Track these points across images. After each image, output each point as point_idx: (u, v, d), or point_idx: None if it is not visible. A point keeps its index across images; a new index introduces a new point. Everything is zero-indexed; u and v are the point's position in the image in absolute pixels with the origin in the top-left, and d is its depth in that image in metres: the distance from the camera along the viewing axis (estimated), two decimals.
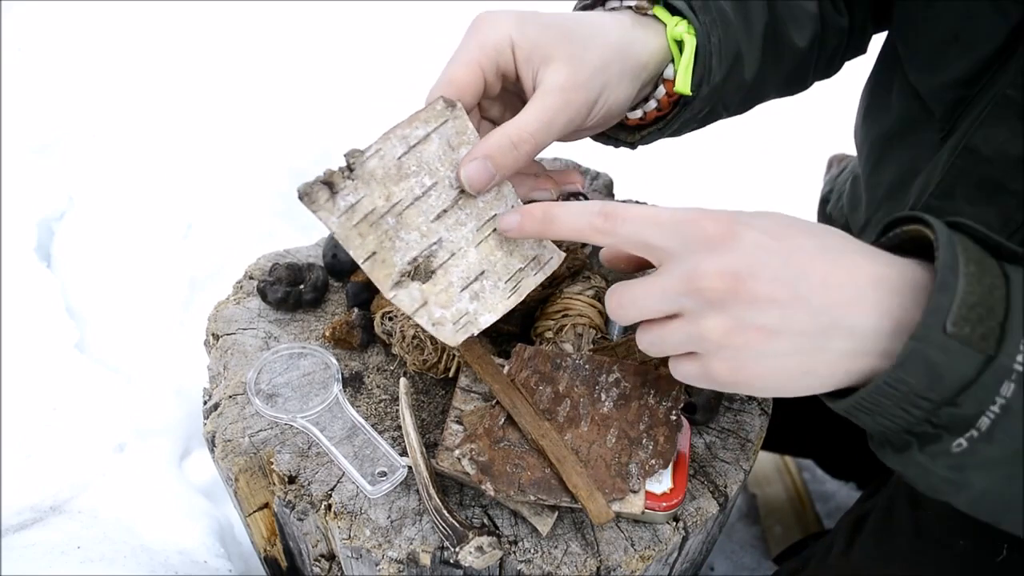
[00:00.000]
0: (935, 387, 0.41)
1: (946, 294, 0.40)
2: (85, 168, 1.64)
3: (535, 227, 0.53)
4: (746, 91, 0.73)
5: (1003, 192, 0.65)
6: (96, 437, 1.16)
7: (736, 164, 2.16)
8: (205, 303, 1.41)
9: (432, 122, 0.52)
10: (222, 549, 1.08)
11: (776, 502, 1.37)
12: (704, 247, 0.45)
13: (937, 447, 0.43)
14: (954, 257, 0.41)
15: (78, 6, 2.10)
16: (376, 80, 2.26)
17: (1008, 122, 0.63)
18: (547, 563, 0.63)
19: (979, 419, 0.41)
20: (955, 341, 0.40)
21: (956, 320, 0.40)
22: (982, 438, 0.41)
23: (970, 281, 0.41)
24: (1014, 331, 0.40)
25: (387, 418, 0.74)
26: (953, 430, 0.42)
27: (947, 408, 0.42)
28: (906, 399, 0.42)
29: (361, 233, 0.49)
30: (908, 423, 0.44)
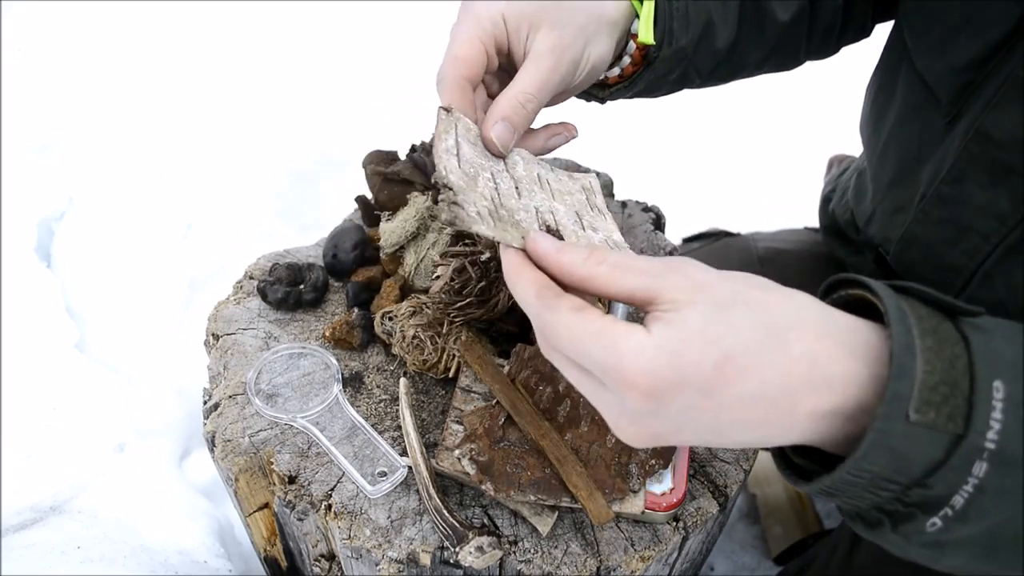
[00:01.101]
0: (902, 471, 0.39)
1: (904, 380, 0.38)
2: (85, 168, 1.64)
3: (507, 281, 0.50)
4: (722, 60, 0.74)
5: (1014, 175, 0.64)
6: (96, 437, 1.16)
7: (737, 165, 2.16)
8: (205, 303, 1.41)
9: (451, 129, 0.57)
10: (222, 549, 1.08)
11: (776, 502, 1.37)
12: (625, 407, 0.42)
13: (910, 526, 0.41)
14: (908, 333, 0.39)
15: (78, 6, 2.10)
16: (376, 80, 2.26)
17: (1019, 105, 0.62)
18: (547, 563, 0.63)
19: (952, 498, 0.39)
20: (919, 428, 0.38)
21: (918, 406, 0.38)
22: (956, 517, 0.39)
23: (929, 359, 0.38)
24: (982, 405, 0.38)
25: (387, 418, 0.74)
26: (926, 509, 0.40)
27: (917, 489, 0.40)
28: (872, 484, 0.40)
29: (504, 229, 0.51)
30: (878, 503, 0.42)
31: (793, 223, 1.27)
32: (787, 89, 2.25)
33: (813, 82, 2.22)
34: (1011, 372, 0.39)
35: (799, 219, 1.32)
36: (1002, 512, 0.39)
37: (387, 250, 0.84)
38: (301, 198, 1.83)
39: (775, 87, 1.64)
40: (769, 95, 2.07)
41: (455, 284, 0.74)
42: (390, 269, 0.86)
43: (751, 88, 2.18)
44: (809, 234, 1.17)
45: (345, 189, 1.19)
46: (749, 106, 2.27)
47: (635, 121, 2.13)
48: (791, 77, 0.85)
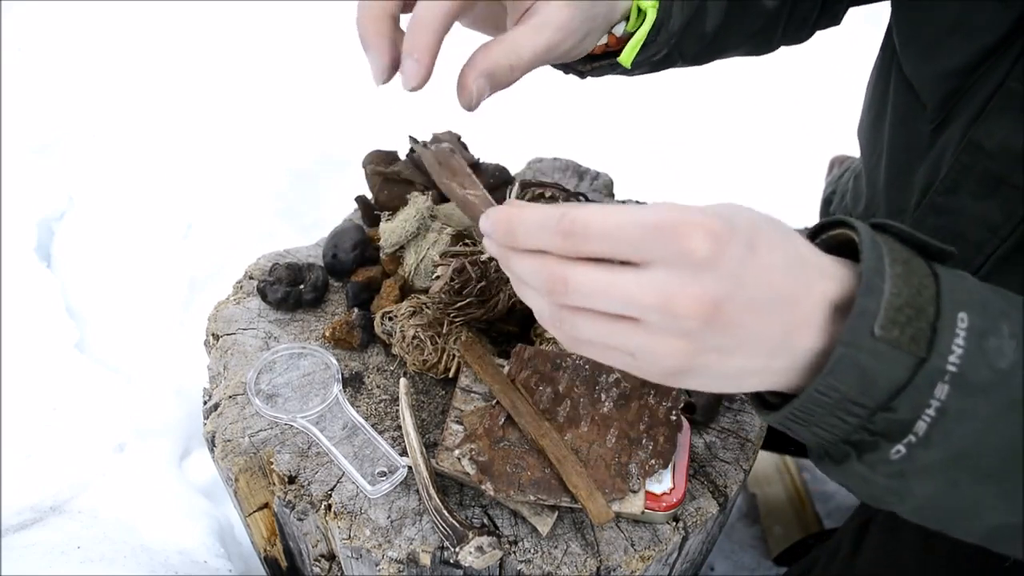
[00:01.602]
0: (868, 392, 0.40)
1: (872, 297, 0.39)
2: (85, 168, 1.64)
3: (502, 239, 0.46)
4: (707, 43, 0.73)
5: (1005, 186, 0.64)
6: (96, 437, 1.16)
7: (737, 166, 2.16)
8: (205, 303, 1.41)
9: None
10: (222, 549, 1.08)
11: (776, 502, 1.37)
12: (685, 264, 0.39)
13: (875, 455, 0.42)
14: (879, 259, 0.40)
15: (78, 6, 2.10)
16: None
17: (1011, 115, 0.62)
18: (547, 563, 0.63)
19: (915, 423, 0.40)
20: (884, 344, 0.39)
21: (884, 323, 0.39)
22: (920, 443, 0.40)
23: (896, 283, 0.40)
24: (945, 331, 0.39)
25: (387, 418, 0.74)
26: (890, 436, 0.41)
27: (882, 413, 0.41)
28: (839, 406, 0.41)
29: None
30: (844, 431, 0.43)
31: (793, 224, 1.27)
32: (788, 90, 2.25)
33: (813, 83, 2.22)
34: (976, 308, 0.40)
35: (799, 220, 1.32)
36: (963, 437, 0.40)
37: (387, 250, 0.84)
38: (301, 198, 1.83)
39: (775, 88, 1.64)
40: (770, 96, 2.07)
41: (455, 284, 0.74)
42: (390, 269, 0.87)
43: (751, 89, 2.18)
44: None
45: (345, 189, 1.19)
46: (750, 107, 2.27)
47: (635, 121, 2.13)
48: (791, 77, 0.85)
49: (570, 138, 1.93)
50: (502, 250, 0.45)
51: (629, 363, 0.43)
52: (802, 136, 2.14)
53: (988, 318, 0.40)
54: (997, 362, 0.40)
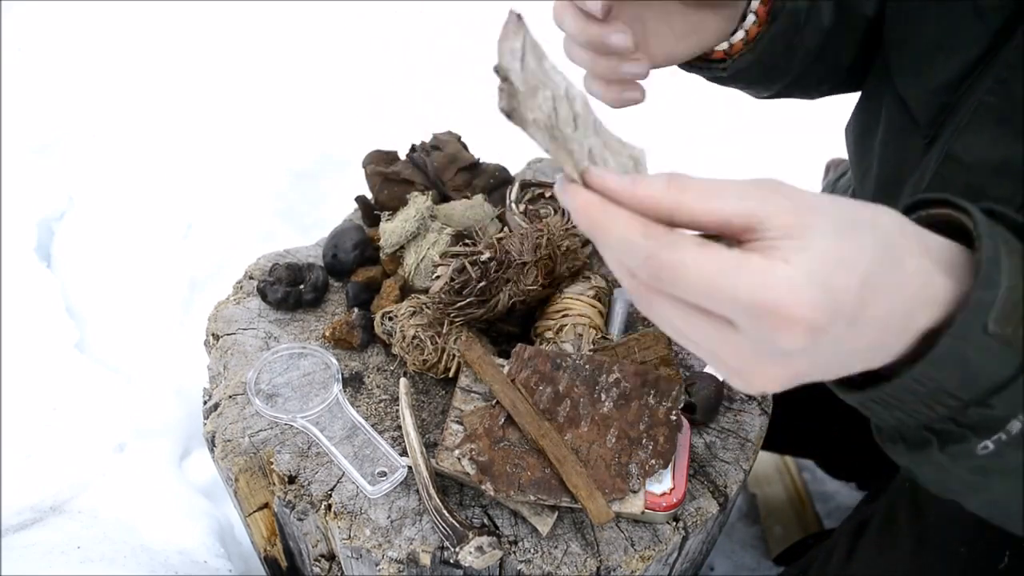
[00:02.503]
0: (967, 386, 0.39)
1: (989, 290, 0.37)
2: (85, 168, 1.65)
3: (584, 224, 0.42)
4: (823, 45, 0.73)
5: (984, 199, 0.64)
6: (96, 437, 1.16)
7: (736, 167, 2.16)
8: (205, 303, 1.41)
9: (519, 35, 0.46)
10: (222, 549, 1.08)
11: (776, 502, 1.37)
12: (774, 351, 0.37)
13: (960, 448, 0.40)
14: (996, 248, 0.38)
15: (78, 6, 2.10)
16: (376, 80, 2.26)
17: (987, 128, 0.63)
18: (547, 563, 0.63)
19: (1009, 422, 0.39)
20: (995, 340, 0.37)
21: (999, 318, 0.37)
22: (1011, 442, 0.39)
23: (1012, 276, 0.38)
24: None
25: (387, 418, 0.74)
26: (980, 432, 0.39)
27: (976, 408, 0.39)
28: (932, 396, 0.39)
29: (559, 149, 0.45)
30: (930, 419, 0.41)
31: None
32: None
33: None
34: None
35: None
36: None
37: (387, 250, 0.84)
38: (301, 198, 1.83)
39: None
40: None
41: (455, 284, 0.74)
42: (390, 269, 0.87)
43: None
44: None
45: (345, 189, 1.20)
46: (748, 109, 2.27)
47: (635, 123, 2.13)
48: None
49: None
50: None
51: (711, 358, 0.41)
52: (798, 139, 2.15)
53: None
54: None
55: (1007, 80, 0.61)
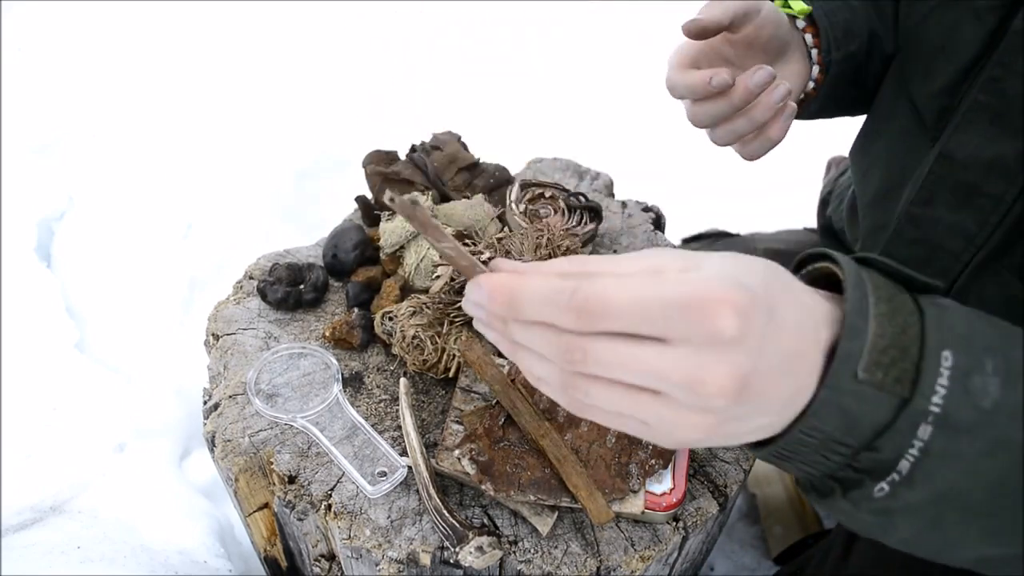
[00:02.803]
0: (851, 432, 0.40)
1: (855, 340, 0.39)
2: (85, 168, 1.64)
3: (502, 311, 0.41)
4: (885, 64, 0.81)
5: (978, 196, 0.66)
6: (96, 437, 1.16)
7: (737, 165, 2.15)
8: (205, 303, 1.41)
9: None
10: (222, 549, 1.08)
11: (776, 502, 1.37)
12: (714, 343, 0.38)
13: (860, 492, 0.42)
14: (863, 298, 0.40)
15: (78, 6, 2.10)
16: (376, 80, 2.26)
17: (980, 126, 0.64)
18: (547, 563, 0.63)
19: (899, 463, 0.40)
20: (867, 386, 0.39)
21: (867, 366, 0.39)
22: (903, 482, 0.40)
23: (881, 323, 0.39)
24: (929, 371, 0.39)
25: (387, 418, 0.74)
26: (875, 475, 0.41)
27: (866, 453, 0.40)
28: (824, 446, 0.41)
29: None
30: (830, 468, 0.42)
31: (792, 224, 1.27)
32: None
33: None
34: (961, 345, 0.40)
35: (798, 220, 1.32)
36: (946, 477, 0.40)
37: (387, 250, 0.84)
38: (301, 198, 1.83)
39: None
40: None
41: (455, 284, 0.74)
42: (390, 269, 0.87)
43: None
44: (808, 235, 1.17)
45: (345, 189, 1.20)
46: None
47: (635, 121, 2.13)
48: None
49: (570, 138, 1.93)
50: (497, 320, 0.42)
51: (642, 431, 0.42)
52: (800, 136, 2.14)
53: (972, 355, 0.40)
54: (981, 401, 0.39)
55: (999, 78, 0.62)
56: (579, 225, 0.88)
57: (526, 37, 2.53)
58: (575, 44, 2.48)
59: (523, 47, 2.49)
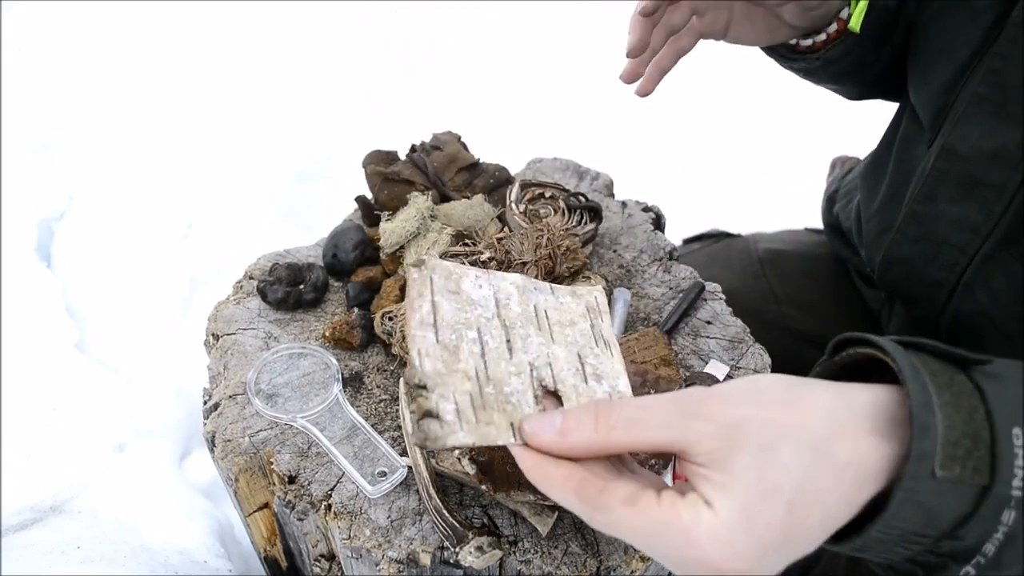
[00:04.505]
0: (932, 525, 0.39)
1: (927, 438, 0.38)
2: (85, 168, 1.64)
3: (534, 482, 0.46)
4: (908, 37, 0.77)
5: (981, 187, 0.66)
6: (96, 437, 1.16)
7: (738, 165, 2.16)
8: (205, 303, 1.41)
9: (425, 291, 0.49)
10: (222, 549, 1.08)
11: None
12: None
13: (944, 575, 0.41)
14: (924, 390, 0.39)
15: (78, 6, 2.10)
16: (376, 80, 2.26)
17: (981, 118, 0.65)
18: (547, 563, 0.63)
19: (984, 547, 0.39)
20: (947, 483, 0.38)
21: (943, 462, 0.38)
22: (989, 565, 0.40)
23: (948, 414, 0.38)
24: (1004, 455, 0.38)
25: (387, 418, 0.74)
26: (958, 559, 0.40)
27: (948, 541, 0.40)
28: (903, 539, 0.40)
29: (487, 421, 0.46)
30: (910, 555, 0.42)
31: (793, 224, 1.27)
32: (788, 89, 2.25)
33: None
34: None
35: (799, 220, 1.32)
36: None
37: (387, 250, 0.84)
38: (301, 198, 1.83)
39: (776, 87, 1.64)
40: (770, 95, 2.07)
41: None
42: (390, 269, 0.86)
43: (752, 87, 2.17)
44: (810, 235, 1.17)
45: (345, 189, 1.20)
46: (750, 106, 2.27)
47: (635, 121, 2.13)
48: (793, 77, 0.86)
49: (570, 138, 1.93)
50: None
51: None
52: (804, 135, 2.15)
53: None
54: None
55: (999, 70, 0.63)
56: (579, 225, 0.88)
57: (526, 37, 2.53)
58: (575, 44, 2.48)
59: (523, 47, 2.49)
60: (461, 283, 0.52)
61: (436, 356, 0.47)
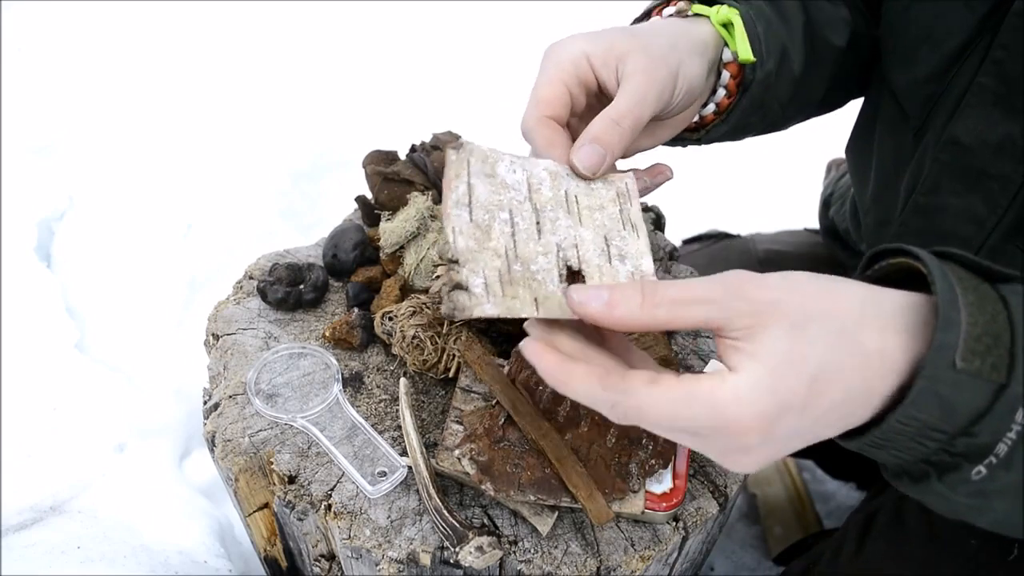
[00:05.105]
0: (949, 420, 0.41)
1: (951, 331, 0.40)
2: (85, 168, 1.64)
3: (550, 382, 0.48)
4: (796, 89, 0.74)
5: (986, 178, 0.66)
6: (96, 437, 1.16)
7: (737, 166, 2.16)
8: (205, 303, 1.41)
9: (462, 172, 0.52)
10: (222, 549, 1.08)
11: (776, 502, 1.37)
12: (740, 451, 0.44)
13: (956, 476, 0.43)
14: (951, 290, 0.41)
15: (78, 6, 2.10)
16: (376, 80, 2.26)
17: (984, 110, 0.64)
18: (547, 563, 0.63)
19: (996, 446, 0.41)
20: (965, 375, 0.40)
21: (964, 354, 0.40)
22: (1001, 464, 0.41)
23: (972, 313, 0.41)
24: (1023, 356, 0.40)
25: (387, 418, 0.74)
26: (971, 458, 0.42)
27: (963, 438, 0.41)
28: (920, 433, 0.42)
29: (513, 296, 0.49)
30: (924, 453, 0.43)
31: (793, 225, 1.27)
32: None
33: None
34: None
35: (799, 221, 1.32)
36: None
37: (387, 250, 0.84)
38: (301, 198, 1.83)
39: None
40: None
41: None
42: (390, 269, 0.87)
43: None
44: (809, 235, 1.17)
45: (345, 189, 1.20)
46: None
47: None
48: None
49: None
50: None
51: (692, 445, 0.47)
52: (800, 137, 2.14)
53: None
54: None
55: (1003, 61, 0.63)
56: None
57: (526, 37, 2.53)
58: None
59: (524, 47, 2.49)
60: (496, 167, 0.54)
61: (469, 234, 0.50)
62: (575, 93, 0.60)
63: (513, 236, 0.52)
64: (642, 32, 0.61)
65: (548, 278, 0.51)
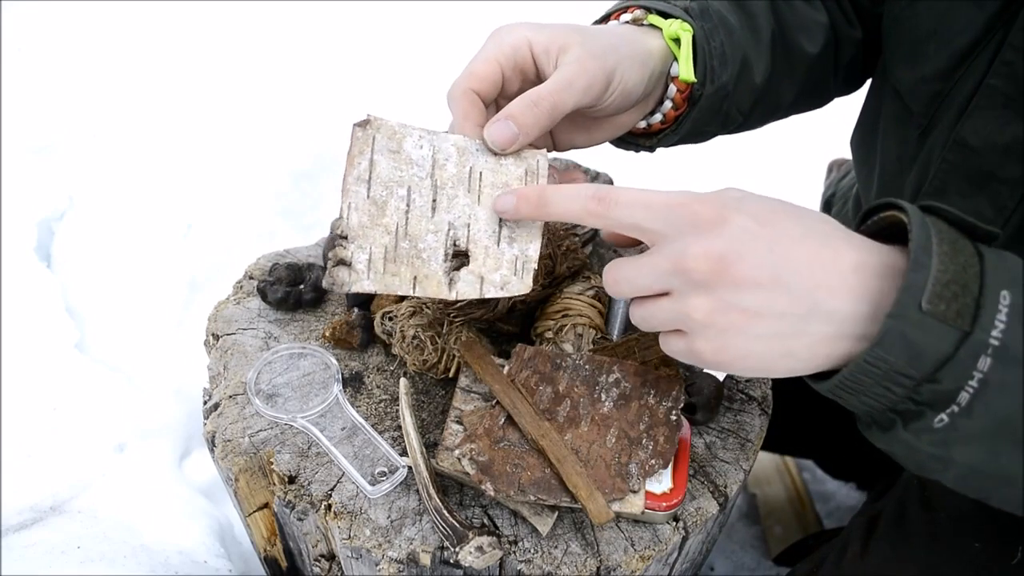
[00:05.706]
0: (914, 364, 0.42)
1: (920, 272, 0.42)
2: (85, 168, 1.65)
3: (530, 210, 0.55)
4: (759, 96, 0.75)
5: (994, 181, 0.66)
6: (96, 437, 1.16)
7: (737, 166, 2.16)
8: (205, 303, 1.41)
9: (365, 149, 0.55)
10: (222, 549, 1.08)
11: (776, 502, 1.37)
12: (693, 230, 0.47)
13: (920, 424, 0.44)
14: (927, 237, 0.43)
15: (78, 6, 2.10)
16: (376, 80, 2.26)
17: (993, 112, 0.64)
18: (547, 563, 0.63)
19: (959, 394, 0.42)
20: (931, 318, 0.41)
21: (931, 298, 0.41)
22: (962, 413, 0.43)
23: (943, 260, 0.42)
24: (989, 306, 0.42)
25: (387, 418, 0.74)
26: (935, 406, 0.43)
27: (928, 384, 0.43)
28: (887, 377, 0.43)
29: (393, 273, 0.51)
30: (891, 401, 0.45)
31: None
32: None
33: None
34: (1018, 286, 0.43)
35: None
36: (1004, 407, 0.42)
37: None
38: (301, 198, 1.83)
39: None
40: None
41: None
42: None
43: None
44: None
45: None
46: None
47: None
48: None
49: None
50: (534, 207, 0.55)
51: (681, 348, 0.51)
52: (801, 138, 2.15)
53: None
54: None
55: (1013, 62, 0.62)
56: (579, 225, 0.88)
57: None
58: None
59: None
60: (403, 143, 0.57)
61: (363, 210, 0.53)
62: (508, 75, 0.61)
63: (407, 213, 0.54)
64: (588, 31, 0.63)
65: (433, 256, 0.53)
